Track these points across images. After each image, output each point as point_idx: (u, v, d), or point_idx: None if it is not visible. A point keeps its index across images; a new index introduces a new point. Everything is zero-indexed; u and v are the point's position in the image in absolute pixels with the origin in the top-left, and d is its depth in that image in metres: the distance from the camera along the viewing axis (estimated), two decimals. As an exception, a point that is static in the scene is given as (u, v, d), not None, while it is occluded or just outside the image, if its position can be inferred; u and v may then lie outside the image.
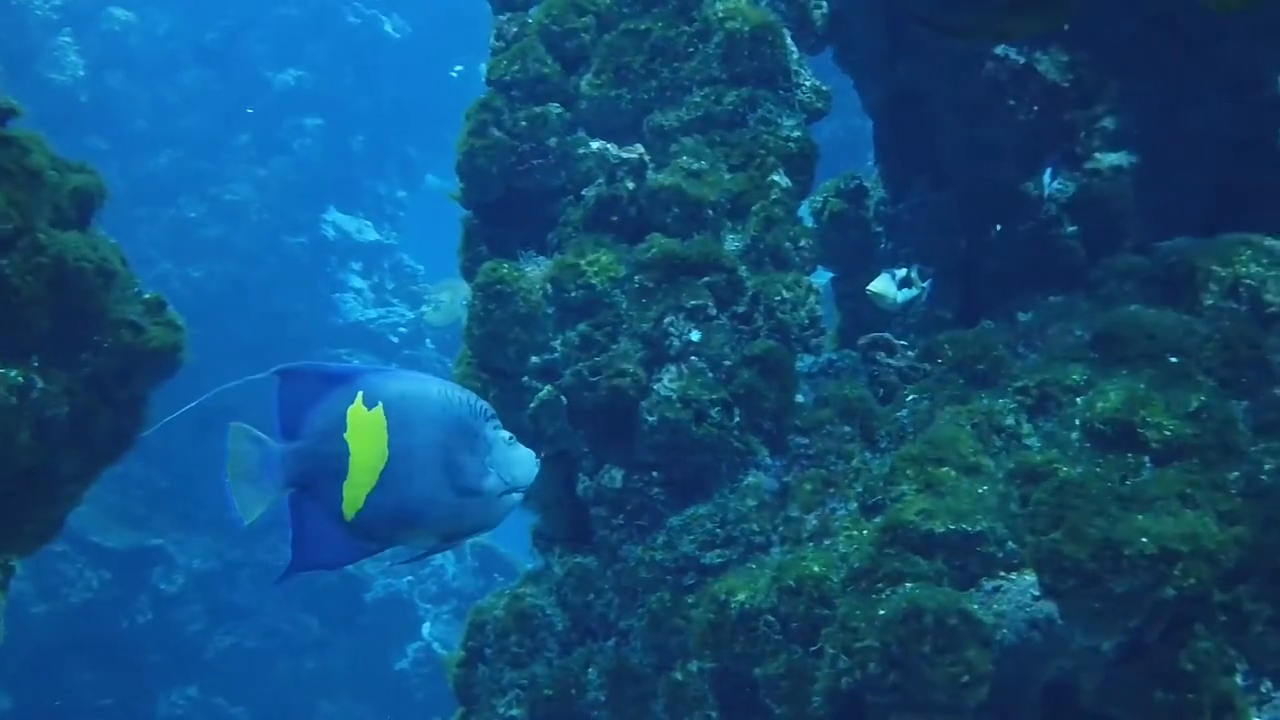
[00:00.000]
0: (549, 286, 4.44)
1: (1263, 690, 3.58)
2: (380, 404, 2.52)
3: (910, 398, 4.30)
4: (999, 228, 5.10)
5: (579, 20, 4.73)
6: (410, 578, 12.16)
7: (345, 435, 2.50)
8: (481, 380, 4.48)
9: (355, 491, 2.50)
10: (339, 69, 14.89)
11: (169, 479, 11.63)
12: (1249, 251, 4.35)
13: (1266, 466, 3.78)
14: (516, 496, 2.67)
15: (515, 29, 4.84)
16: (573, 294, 4.39)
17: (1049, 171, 4.80)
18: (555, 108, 4.67)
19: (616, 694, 4.10)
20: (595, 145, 4.60)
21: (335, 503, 2.50)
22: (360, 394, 2.52)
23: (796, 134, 4.67)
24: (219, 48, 14.28)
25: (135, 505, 11.51)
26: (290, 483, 2.51)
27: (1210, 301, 4.29)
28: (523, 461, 2.67)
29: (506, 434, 2.65)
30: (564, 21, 4.73)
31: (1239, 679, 3.51)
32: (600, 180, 4.54)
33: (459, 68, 16.26)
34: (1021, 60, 4.84)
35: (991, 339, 4.45)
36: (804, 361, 4.57)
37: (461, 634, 4.64)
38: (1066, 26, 4.45)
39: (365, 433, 2.50)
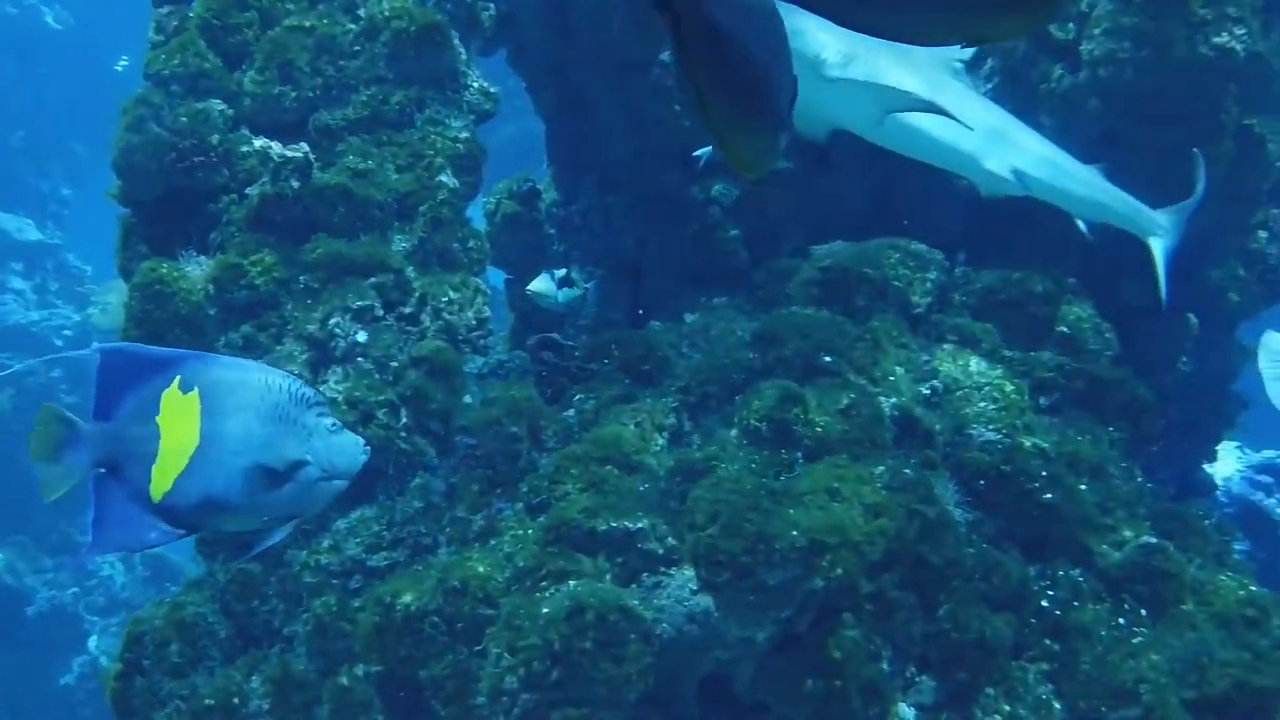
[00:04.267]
0: (211, 287, 4.33)
1: (908, 675, 3.75)
2: (196, 389, 2.55)
3: (577, 398, 4.34)
4: (664, 230, 5.21)
5: (241, 15, 4.62)
6: (75, 589, 11.67)
7: (158, 418, 2.53)
8: (140, 383, 4.34)
9: (163, 474, 2.54)
10: (-4, 60, 14.26)
11: None
12: (897, 255, 4.56)
13: (912, 461, 3.97)
14: (338, 484, 2.72)
15: (175, 23, 4.70)
16: (235, 294, 4.30)
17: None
18: (217, 104, 4.56)
19: (281, 701, 4.02)
20: (259, 143, 4.51)
21: (143, 485, 2.54)
22: (178, 378, 2.55)
23: (464, 135, 4.67)
24: None
25: None
26: (97, 463, 2.55)
27: (862, 303, 4.47)
28: (344, 449, 2.72)
29: (330, 421, 2.69)
30: (226, 16, 4.61)
31: (885, 665, 3.66)
32: (264, 179, 4.45)
33: (124, 61, 15.75)
34: (685, 67, 4.94)
35: (657, 339, 4.53)
36: (474, 362, 4.58)
37: (119, 645, 4.48)
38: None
39: (178, 416, 2.54)
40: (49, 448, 2.55)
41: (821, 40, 4.17)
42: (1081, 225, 4.67)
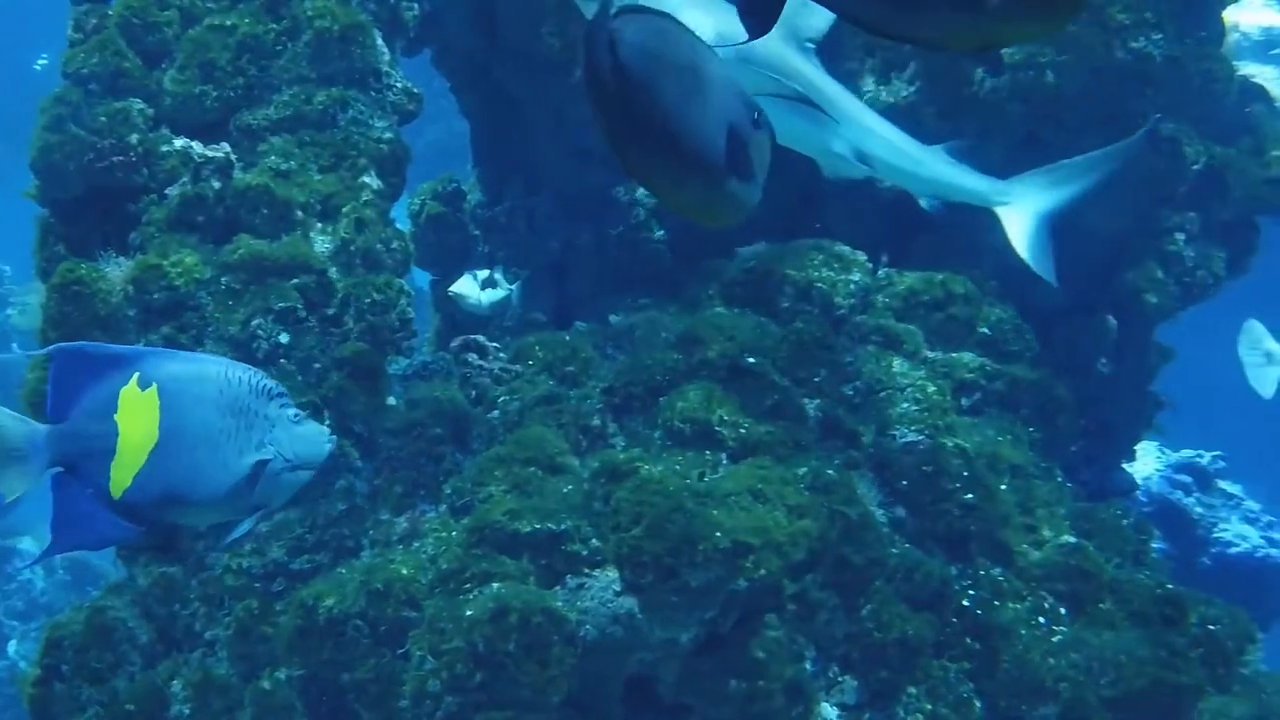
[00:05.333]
0: (130, 288, 4.28)
1: (830, 675, 3.77)
2: (154, 385, 2.57)
3: (501, 399, 4.34)
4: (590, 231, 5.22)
5: (162, 14, 4.57)
6: (-6, 593, 11.53)
7: (116, 416, 2.55)
8: (59, 386, 4.28)
9: (123, 471, 2.56)
10: (-88, 57, 14.04)
11: None
12: (820, 256, 4.58)
13: (835, 462, 3.99)
14: (303, 474, 2.75)
15: (94, 21, 4.64)
16: (155, 295, 4.25)
17: None
18: (137, 103, 4.51)
19: (202, 706, 3.99)
20: (179, 143, 4.46)
21: (103, 482, 2.56)
22: (136, 375, 2.57)
23: (388, 135, 4.65)
24: None
25: None
26: (56, 462, 2.56)
27: (786, 304, 4.49)
28: (307, 439, 2.75)
29: (293, 411, 2.70)
30: (146, 14, 4.56)
31: (808, 665, 3.68)
32: (185, 179, 4.41)
33: (44, 59, 15.56)
34: (610, 67, 4.94)
35: (581, 341, 4.53)
36: (397, 364, 4.55)
37: (38, 651, 4.43)
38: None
39: (136, 413, 2.56)
40: (6, 449, 2.55)
41: (695, 19, 4.11)
42: (924, 204, 4.65)
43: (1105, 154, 4.63)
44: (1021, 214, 4.62)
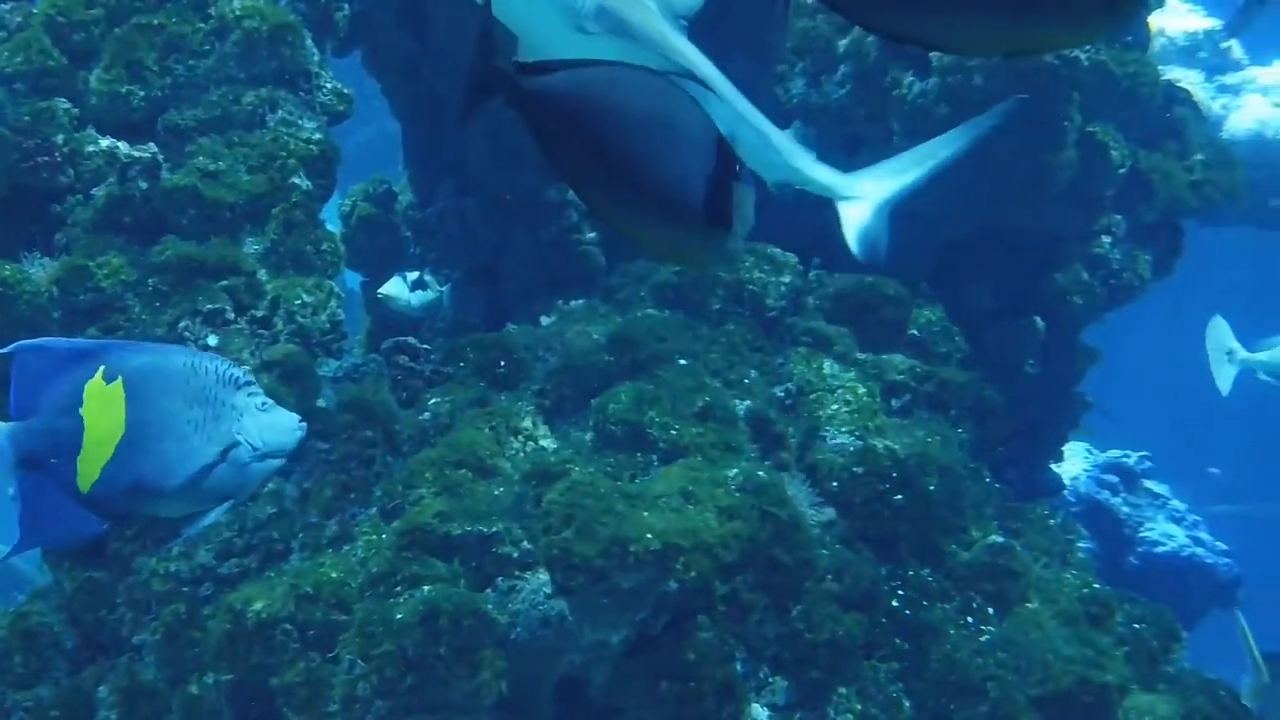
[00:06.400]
0: (55, 289, 4.23)
1: (761, 675, 3.78)
2: (120, 377, 2.56)
3: (432, 401, 4.31)
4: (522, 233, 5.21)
5: (87, 12, 4.52)
6: (-80, 600, 11.32)
7: (82, 410, 2.54)
8: (-18, 389, 4.23)
9: (90, 465, 2.55)
10: None
11: None
12: (751, 258, 4.60)
13: (766, 463, 4.00)
14: (273, 462, 2.73)
15: (19, 19, 4.59)
16: (81, 297, 4.21)
17: None
18: (62, 103, 4.46)
19: (129, 712, 3.94)
20: (105, 143, 4.42)
21: (71, 477, 2.55)
22: (102, 368, 2.56)
23: (318, 136, 4.61)
24: None
25: None
26: (21, 460, 2.56)
27: (717, 306, 4.50)
28: (276, 427, 2.72)
29: (260, 400, 2.70)
30: (71, 13, 4.51)
31: (739, 666, 3.69)
32: (111, 179, 4.37)
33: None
34: (541, 68, 4.93)
35: (513, 342, 4.52)
36: (328, 366, 4.52)
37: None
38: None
39: (102, 406, 2.55)
40: None
41: None
42: (773, 189, 4.61)
43: (945, 138, 4.59)
44: (861, 207, 4.58)
